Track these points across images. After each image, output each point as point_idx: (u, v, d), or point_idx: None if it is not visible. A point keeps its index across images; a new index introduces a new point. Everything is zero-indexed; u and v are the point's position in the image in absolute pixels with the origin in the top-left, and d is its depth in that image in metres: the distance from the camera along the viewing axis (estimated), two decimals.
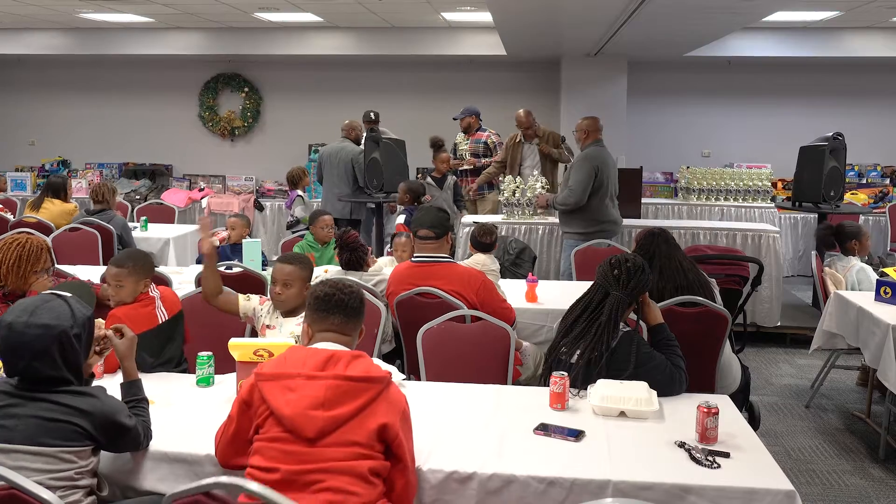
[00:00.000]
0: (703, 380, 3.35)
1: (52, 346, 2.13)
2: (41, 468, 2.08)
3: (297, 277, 3.27)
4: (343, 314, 2.33)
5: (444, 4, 7.53)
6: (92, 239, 5.83)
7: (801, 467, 4.01)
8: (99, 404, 2.19)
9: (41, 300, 2.22)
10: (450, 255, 3.97)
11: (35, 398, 2.13)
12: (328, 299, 2.34)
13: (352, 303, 2.35)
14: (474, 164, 7.65)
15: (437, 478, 2.25)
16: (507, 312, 3.78)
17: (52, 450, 2.10)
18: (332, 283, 2.41)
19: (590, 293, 3.04)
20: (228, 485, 1.82)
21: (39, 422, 2.10)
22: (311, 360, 2.18)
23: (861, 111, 9.45)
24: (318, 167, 7.69)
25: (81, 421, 2.14)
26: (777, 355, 5.97)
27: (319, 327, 2.34)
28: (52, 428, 2.11)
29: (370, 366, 2.21)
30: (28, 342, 2.11)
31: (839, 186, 6.36)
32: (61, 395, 2.14)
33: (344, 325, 2.33)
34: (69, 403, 2.14)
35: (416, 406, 2.76)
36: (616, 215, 6.01)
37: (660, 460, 2.32)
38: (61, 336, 2.14)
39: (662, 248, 3.68)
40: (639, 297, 3.00)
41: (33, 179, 9.84)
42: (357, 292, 2.40)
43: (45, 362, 2.13)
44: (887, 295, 4.27)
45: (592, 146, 5.92)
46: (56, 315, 2.17)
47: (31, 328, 2.12)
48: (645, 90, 9.62)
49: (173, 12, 8.16)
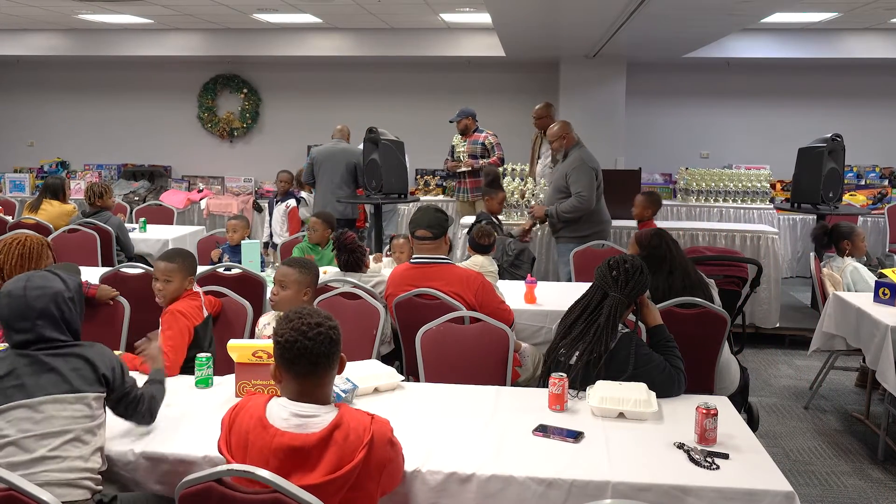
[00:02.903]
0: (701, 381, 3.36)
1: (51, 306, 2.28)
2: (69, 416, 2.21)
3: (292, 280, 3.27)
4: (309, 363, 2.00)
5: (443, 5, 7.53)
6: (90, 240, 5.83)
7: (799, 468, 4.01)
8: (100, 348, 2.36)
9: (32, 272, 2.39)
10: (447, 256, 3.96)
11: (41, 359, 2.24)
12: (290, 347, 1.99)
13: (318, 349, 1.99)
14: (472, 165, 7.65)
15: (436, 479, 2.24)
16: (506, 314, 3.78)
17: (76, 395, 2.23)
18: (298, 323, 2.01)
19: (588, 294, 3.04)
20: (240, 472, 1.88)
21: (54, 374, 2.23)
22: (274, 458, 1.94)
23: (860, 112, 9.46)
24: (309, 168, 7.64)
25: (94, 358, 2.29)
26: (776, 356, 5.97)
27: (286, 375, 2.03)
28: (72, 376, 2.24)
29: (344, 446, 1.95)
30: (30, 302, 2.25)
31: (838, 187, 6.37)
32: (63, 347, 2.29)
33: (310, 374, 2.01)
34: (79, 352, 2.29)
35: (414, 407, 2.78)
36: (608, 214, 6.05)
37: (659, 461, 2.32)
38: (57, 296, 2.30)
39: (672, 248, 3.72)
40: (637, 298, 3.00)
41: (32, 181, 9.83)
42: (326, 333, 2.02)
43: (48, 321, 2.27)
44: (886, 296, 4.27)
45: (577, 149, 5.87)
46: (49, 280, 2.34)
47: (30, 290, 2.28)
48: (644, 91, 9.63)
49: (172, 13, 8.15)
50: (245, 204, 9.42)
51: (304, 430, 1.97)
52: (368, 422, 2.03)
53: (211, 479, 1.87)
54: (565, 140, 5.90)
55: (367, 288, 3.96)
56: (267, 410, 2.02)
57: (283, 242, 6.12)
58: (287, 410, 2.00)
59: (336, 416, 2.00)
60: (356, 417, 2.03)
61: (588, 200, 5.71)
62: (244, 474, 1.87)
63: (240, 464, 1.98)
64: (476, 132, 7.72)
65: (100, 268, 5.42)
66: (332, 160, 7.44)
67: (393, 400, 2.83)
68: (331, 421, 1.98)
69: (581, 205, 5.72)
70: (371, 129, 6.73)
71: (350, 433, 1.98)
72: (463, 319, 3.49)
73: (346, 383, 2.84)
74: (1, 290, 2.33)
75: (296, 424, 1.98)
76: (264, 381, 2.73)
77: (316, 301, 3.77)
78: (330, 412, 2.01)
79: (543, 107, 7.29)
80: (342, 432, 1.97)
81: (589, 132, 6.07)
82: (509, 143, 7.98)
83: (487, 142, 7.66)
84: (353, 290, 3.88)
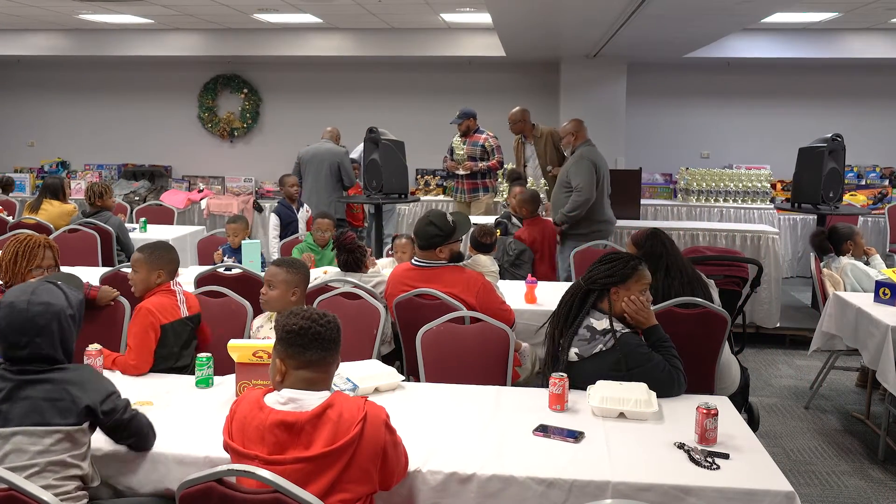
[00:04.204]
0: (702, 381, 3.35)
1: (53, 324, 2.21)
2: (37, 449, 2.11)
3: (280, 280, 3.27)
4: (321, 349, 2.09)
5: (444, 5, 7.53)
6: (91, 240, 5.83)
7: (800, 468, 4.01)
8: (86, 374, 2.26)
9: (36, 283, 2.31)
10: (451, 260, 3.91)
11: (26, 381, 2.16)
12: (303, 333, 2.07)
13: (329, 335, 2.10)
14: (471, 168, 7.57)
15: (437, 479, 2.25)
16: (507, 314, 3.78)
17: (47, 428, 2.13)
18: (306, 314, 2.12)
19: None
20: (241, 472, 1.88)
21: (33, 402, 2.14)
22: (270, 434, 2.00)
23: (860, 112, 9.46)
24: (296, 168, 7.64)
25: (74, 391, 2.17)
26: (776, 356, 5.97)
27: (295, 363, 2.09)
28: (45, 407, 2.14)
29: (338, 422, 2.01)
30: (32, 318, 2.18)
31: (838, 187, 6.37)
32: (52, 372, 2.19)
33: (321, 361, 2.10)
34: (60, 378, 2.19)
35: (415, 407, 2.78)
36: (612, 214, 6.06)
37: (659, 461, 2.32)
38: (60, 314, 2.24)
39: (668, 247, 3.71)
40: (605, 286, 2.97)
41: (32, 181, 9.84)
42: (333, 321, 2.14)
43: (46, 339, 2.19)
44: (886, 296, 4.27)
45: (583, 146, 5.96)
46: (54, 295, 2.27)
47: (34, 305, 2.20)
48: (644, 91, 9.63)
49: (172, 13, 8.15)
50: (245, 204, 9.42)
51: (297, 409, 2.04)
52: (362, 403, 2.10)
53: (211, 479, 1.87)
54: (574, 137, 5.97)
55: (368, 288, 3.96)
56: (265, 397, 2.10)
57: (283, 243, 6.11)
58: (284, 396, 2.08)
59: (329, 398, 2.07)
60: (349, 399, 2.10)
61: (585, 194, 5.73)
62: (245, 474, 1.87)
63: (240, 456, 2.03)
64: (477, 133, 7.69)
65: (100, 268, 5.43)
66: (315, 160, 7.54)
67: (393, 400, 2.83)
68: (324, 401, 2.05)
69: (579, 198, 5.74)
70: (371, 129, 6.72)
71: (344, 412, 2.04)
72: (463, 319, 3.49)
73: (346, 383, 2.85)
74: (3, 298, 2.26)
75: (290, 406, 2.05)
76: (264, 381, 2.73)
77: (316, 301, 3.78)
78: (323, 396, 2.08)
79: (519, 111, 7.29)
80: (336, 411, 2.04)
81: (589, 132, 6.09)
82: (509, 143, 7.95)
83: (488, 144, 7.59)
84: (354, 290, 3.88)
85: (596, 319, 2.94)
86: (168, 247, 3.43)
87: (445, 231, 3.79)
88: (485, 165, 7.56)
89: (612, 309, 2.95)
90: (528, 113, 7.38)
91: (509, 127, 7.43)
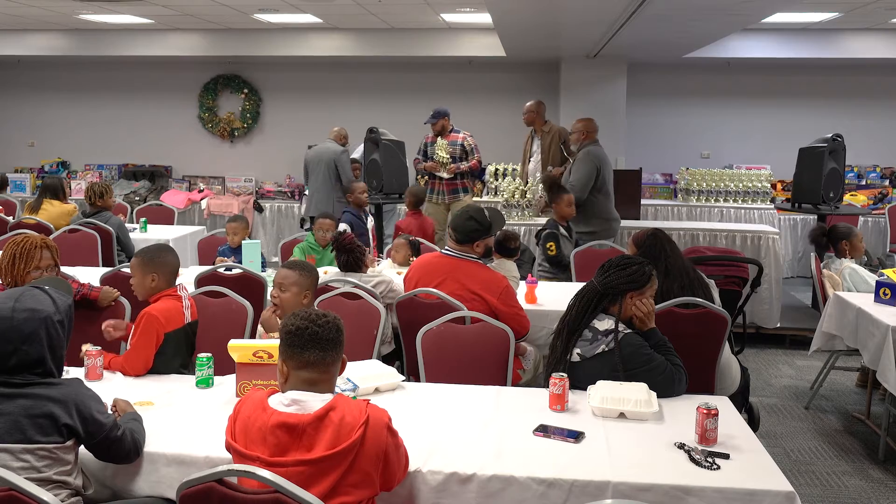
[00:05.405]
0: (702, 381, 3.35)
1: (40, 330, 2.13)
2: (19, 465, 2.05)
3: (293, 282, 3.25)
4: (319, 349, 2.09)
5: (444, 5, 7.53)
6: (91, 240, 5.82)
7: (800, 468, 4.01)
8: (72, 392, 2.17)
9: (22, 289, 2.24)
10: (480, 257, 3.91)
11: (9, 395, 2.09)
12: (300, 333, 2.09)
13: (327, 335, 2.10)
14: (455, 170, 7.25)
15: (437, 479, 2.25)
16: (523, 321, 3.73)
17: (29, 446, 2.07)
18: (305, 314, 2.14)
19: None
20: (241, 472, 1.88)
21: (15, 418, 2.07)
22: (271, 436, 2.00)
23: (860, 112, 9.45)
24: (305, 169, 7.77)
25: (56, 409, 2.10)
26: (776, 356, 5.97)
27: (295, 364, 2.10)
28: (26, 424, 2.07)
29: (340, 426, 2.00)
30: (17, 325, 2.11)
31: (838, 188, 6.37)
32: (36, 387, 2.12)
33: (320, 361, 2.09)
34: (43, 394, 2.11)
35: (415, 407, 2.78)
36: (616, 213, 6.10)
37: (659, 461, 2.32)
38: (47, 320, 2.16)
39: (667, 248, 3.71)
40: (620, 293, 2.95)
41: (32, 181, 9.84)
42: (333, 321, 2.15)
43: (34, 346, 2.12)
44: (886, 296, 4.27)
45: (590, 145, 6.05)
46: (40, 301, 2.19)
47: (19, 312, 2.13)
48: (644, 91, 9.63)
49: (172, 13, 8.15)
50: (246, 204, 9.43)
51: (300, 412, 2.04)
52: (364, 406, 2.09)
53: (212, 480, 1.87)
54: (584, 135, 6.06)
55: (368, 288, 3.96)
56: (269, 399, 2.10)
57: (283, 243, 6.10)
58: (287, 397, 2.07)
59: (332, 400, 2.07)
60: (352, 402, 2.11)
61: (575, 190, 5.79)
62: (245, 474, 1.87)
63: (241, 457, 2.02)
64: (453, 132, 7.37)
65: (100, 268, 5.43)
66: (316, 160, 7.62)
67: (394, 400, 2.83)
68: (326, 403, 2.05)
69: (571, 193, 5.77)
70: (371, 129, 6.72)
71: (346, 415, 2.03)
72: (464, 319, 3.49)
73: (346, 383, 2.85)
74: None
75: (293, 408, 2.05)
76: (265, 381, 2.73)
77: (316, 301, 3.78)
78: (326, 398, 2.07)
79: (534, 103, 7.27)
80: (338, 413, 2.03)
81: None
82: (509, 143, 7.97)
83: (467, 143, 7.30)
84: (354, 290, 3.88)
85: (598, 320, 2.94)
86: (162, 250, 3.38)
87: (484, 225, 3.84)
88: (466, 166, 7.27)
89: (623, 312, 2.97)
90: (543, 106, 7.32)
91: (523, 117, 7.37)
